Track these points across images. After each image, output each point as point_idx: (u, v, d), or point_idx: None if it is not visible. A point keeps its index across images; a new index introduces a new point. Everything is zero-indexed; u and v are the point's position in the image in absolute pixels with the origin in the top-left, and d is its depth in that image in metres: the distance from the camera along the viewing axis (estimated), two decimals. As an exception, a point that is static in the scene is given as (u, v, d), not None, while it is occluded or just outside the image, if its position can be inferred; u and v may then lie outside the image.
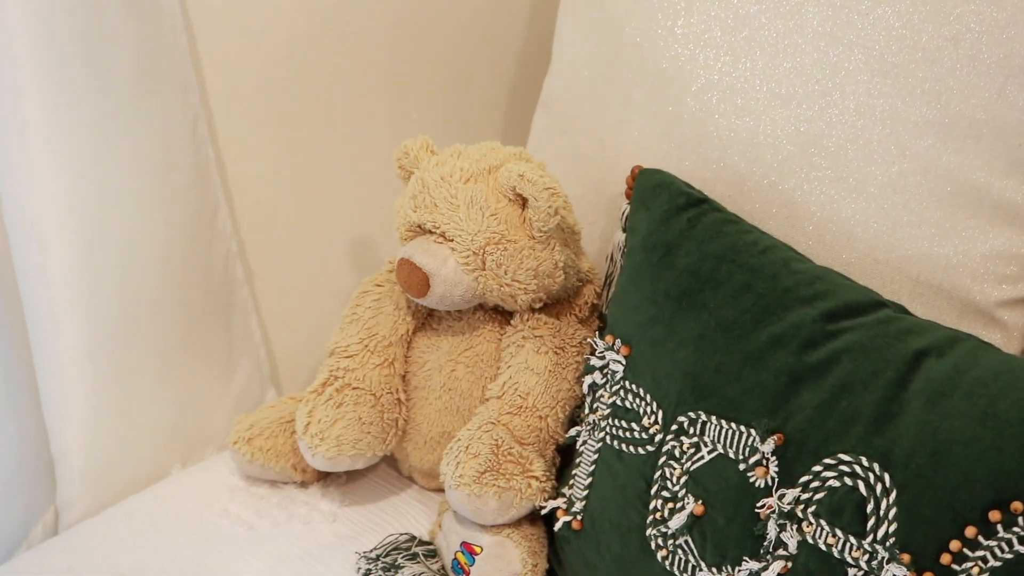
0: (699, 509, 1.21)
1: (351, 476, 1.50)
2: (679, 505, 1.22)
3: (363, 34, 1.76)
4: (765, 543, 1.17)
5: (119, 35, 1.45)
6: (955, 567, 1.07)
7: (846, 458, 1.14)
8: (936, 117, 1.33)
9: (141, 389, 1.55)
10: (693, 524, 1.21)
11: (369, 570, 1.34)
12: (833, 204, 1.37)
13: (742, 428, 1.20)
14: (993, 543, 1.06)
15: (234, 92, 1.64)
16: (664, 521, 1.23)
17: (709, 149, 1.43)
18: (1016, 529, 1.05)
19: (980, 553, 1.06)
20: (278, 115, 1.71)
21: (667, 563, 1.22)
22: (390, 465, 1.50)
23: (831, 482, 1.14)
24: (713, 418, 1.22)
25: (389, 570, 1.34)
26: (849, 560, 1.12)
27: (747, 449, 1.19)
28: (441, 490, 1.34)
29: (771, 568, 1.15)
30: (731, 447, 1.21)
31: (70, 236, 1.44)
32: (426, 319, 1.47)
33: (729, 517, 1.19)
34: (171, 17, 1.52)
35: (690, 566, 1.21)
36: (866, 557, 1.11)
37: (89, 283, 1.47)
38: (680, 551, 1.22)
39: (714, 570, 1.19)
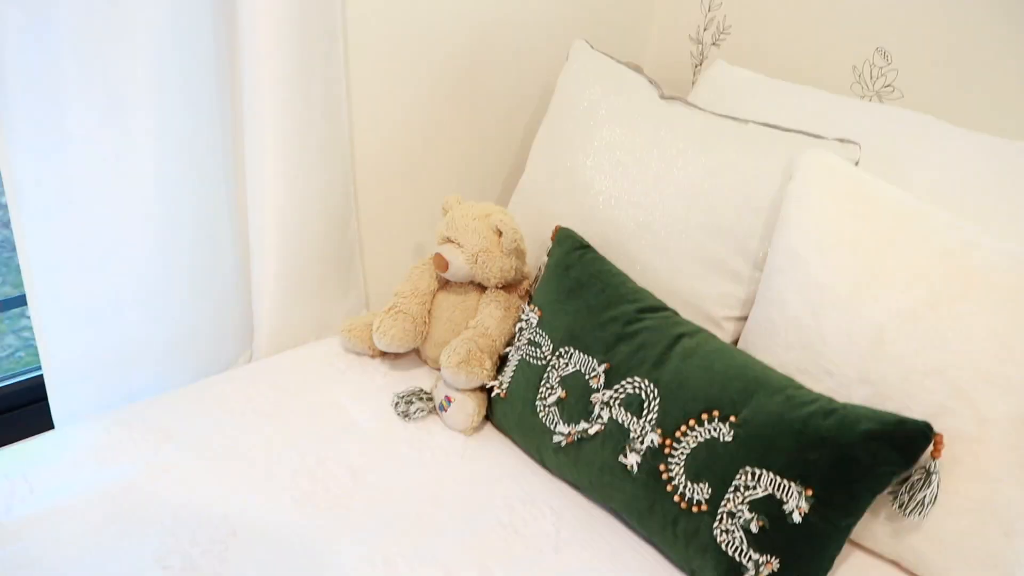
0: (563, 394, 1.22)
1: (397, 356, 1.49)
2: (554, 391, 1.23)
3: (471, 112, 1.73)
4: (592, 415, 1.18)
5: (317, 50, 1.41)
6: (682, 439, 1.09)
7: (637, 379, 1.16)
8: (689, 220, 1.34)
9: (300, 295, 1.54)
10: (558, 401, 1.22)
11: (397, 401, 1.35)
12: (651, 259, 1.38)
13: (590, 358, 1.22)
14: (702, 429, 1.07)
15: (371, 131, 1.60)
16: (545, 398, 1.24)
17: (594, 224, 1.43)
18: (714, 423, 1.07)
19: (696, 433, 1.08)
20: (403, 157, 1.68)
21: (544, 419, 1.24)
22: (417, 354, 1.49)
23: (628, 389, 1.16)
24: (577, 351, 1.23)
25: (408, 402, 1.35)
26: (632, 429, 1.13)
27: (591, 368, 1.21)
28: (440, 368, 1.34)
29: (594, 427, 1.17)
30: (583, 367, 1.22)
31: (276, 193, 1.43)
32: (445, 284, 1.46)
33: (576, 400, 1.21)
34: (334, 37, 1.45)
35: (555, 422, 1.22)
36: (639, 429, 1.12)
37: (283, 228, 1.46)
38: (551, 414, 1.23)
39: (566, 425, 1.20)
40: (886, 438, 0.98)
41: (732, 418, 1.06)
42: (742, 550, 1.01)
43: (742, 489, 1.02)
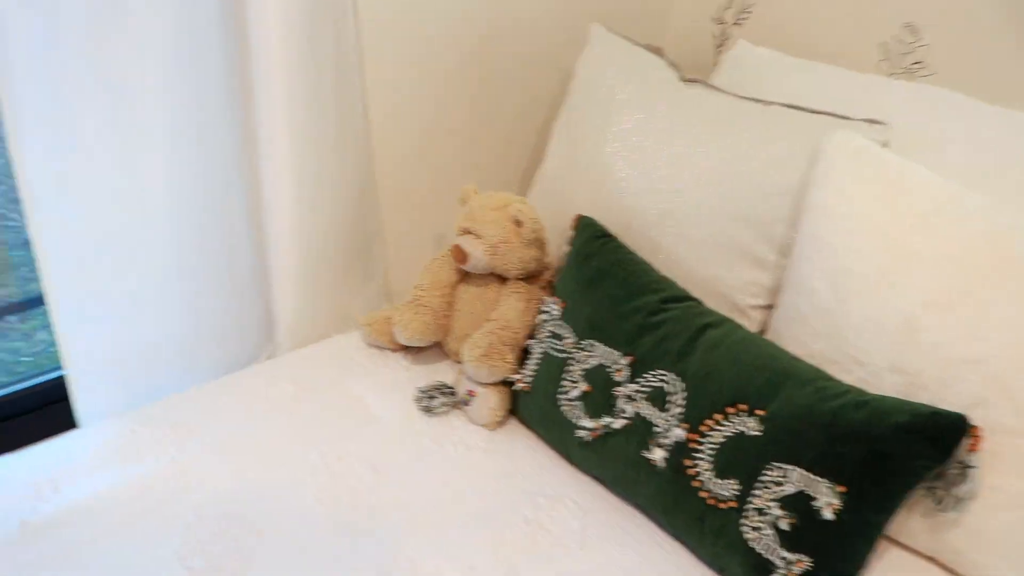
0: (587, 388, 1.19)
1: (419, 349, 1.46)
2: (577, 385, 1.20)
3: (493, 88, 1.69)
4: (616, 409, 1.15)
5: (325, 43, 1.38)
6: (709, 433, 1.05)
7: (662, 372, 1.12)
8: (712, 206, 1.30)
9: (320, 289, 1.52)
10: (582, 395, 1.19)
11: (420, 396, 1.33)
12: (674, 245, 1.34)
13: (613, 351, 1.18)
14: (728, 422, 1.04)
15: (388, 117, 1.56)
16: (567, 392, 1.21)
17: (616, 212, 1.39)
18: (741, 417, 1.04)
19: (723, 427, 1.05)
20: (421, 145, 1.63)
21: (567, 414, 1.20)
22: (439, 347, 1.46)
23: (653, 382, 1.12)
24: (600, 344, 1.20)
25: (430, 397, 1.32)
26: (657, 424, 1.10)
27: (614, 361, 1.17)
28: (462, 361, 1.31)
29: (618, 421, 1.14)
30: (606, 360, 1.18)
31: (291, 186, 1.41)
32: (465, 276, 1.43)
33: (600, 393, 1.18)
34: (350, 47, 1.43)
35: (579, 416, 1.19)
36: (665, 423, 1.09)
37: (300, 219, 1.43)
38: (574, 408, 1.20)
39: (591, 419, 1.17)
40: (919, 431, 0.94)
41: (759, 411, 1.02)
42: (772, 548, 0.97)
43: (771, 485, 0.98)
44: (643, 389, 1.13)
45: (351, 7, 1.39)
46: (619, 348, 1.17)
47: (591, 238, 1.31)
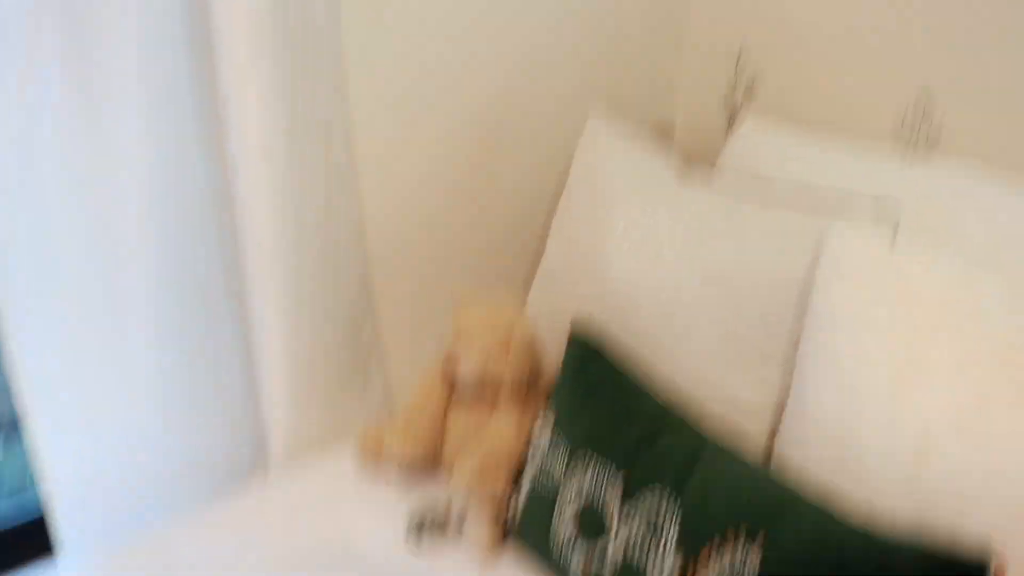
0: (578, 511, 1.12)
1: (411, 470, 1.38)
2: (566, 517, 1.13)
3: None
4: (609, 536, 1.08)
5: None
6: (712, 562, 0.98)
7: (657, 496, 1.06)
8: (715, 305, 1.26)
9: (314, 401, 1.48)
10: (572, 530, 1.12)
11: (409, 525, 1.26)
12: (677, 345, 1.29)
13: (606, 470, 1.12)
14: (726, 553, 0.97)
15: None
16: (558, 533, 1.13)
17: (616, 311, 1.35)
18: (739, 547, 0.97)
19: (719, 559, 0.97)
20: (420, 238, 1.60)
21: (557, 556, 1.14)
22: (433, 466, 1.38)
23: (647, 505, 1.06)
24: (592, 466, 1.14)
25: (420, 526, 1.26)
26: (649, 559, 1.03)
27: (606, 487, 1.11)
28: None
29: (613, 544, 1.07)
30: (598, 481, 1.12)
31: (279, 300, 1.37)
32: (457, 391, 1.37)
33: (592, 518, 1.10)
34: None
35: (568, 559, 1.12)
36: (658, 549, 1.03)
37: (290, 331, 1.40)
38: (565, 549, 1.12)
39: (583, 553, 1.10)
40: (934, 574, 0.86)
41: (759, 543, 0.95)
42: None
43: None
44: (637, 506, 1.06)
45: (341, 112, 1.38)
46: (613, 469, 1.11)
47: (582, 352, 1.25)
